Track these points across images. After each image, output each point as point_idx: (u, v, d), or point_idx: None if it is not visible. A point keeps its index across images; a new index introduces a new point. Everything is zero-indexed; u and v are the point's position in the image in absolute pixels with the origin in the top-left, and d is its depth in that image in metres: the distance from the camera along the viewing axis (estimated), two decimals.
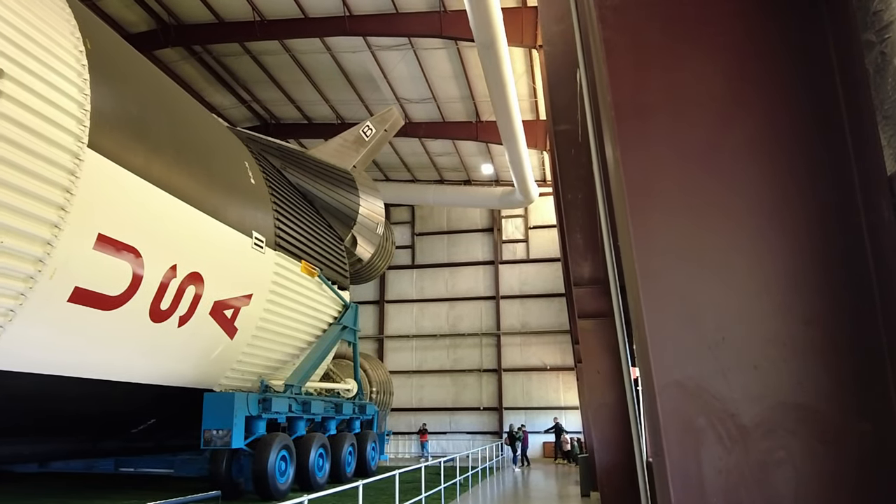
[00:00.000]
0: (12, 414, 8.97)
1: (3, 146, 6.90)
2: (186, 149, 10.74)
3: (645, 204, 1.92)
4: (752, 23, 2.04)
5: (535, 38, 18.70)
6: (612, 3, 2.04)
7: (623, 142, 1.94)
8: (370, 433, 18.07)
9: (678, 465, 1.86)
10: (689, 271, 1.92)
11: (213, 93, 24.59)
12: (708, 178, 1.98)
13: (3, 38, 7.07)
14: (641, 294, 1.88)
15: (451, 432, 32.53)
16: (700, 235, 1.95)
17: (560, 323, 31.99)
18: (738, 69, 2.02)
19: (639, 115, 1.96)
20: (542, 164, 31.30)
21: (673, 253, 1.92)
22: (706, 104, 2.01)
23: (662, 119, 1.97)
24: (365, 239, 18.64)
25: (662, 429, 1.86)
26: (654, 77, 1.99)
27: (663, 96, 1.99)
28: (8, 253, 7.17)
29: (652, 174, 1.94)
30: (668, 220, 1.92)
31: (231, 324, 12.04)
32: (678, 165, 1.96)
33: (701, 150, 1.98)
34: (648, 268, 1.90)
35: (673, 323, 1.89)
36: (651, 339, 1.87)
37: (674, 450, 1.87)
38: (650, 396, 1.90)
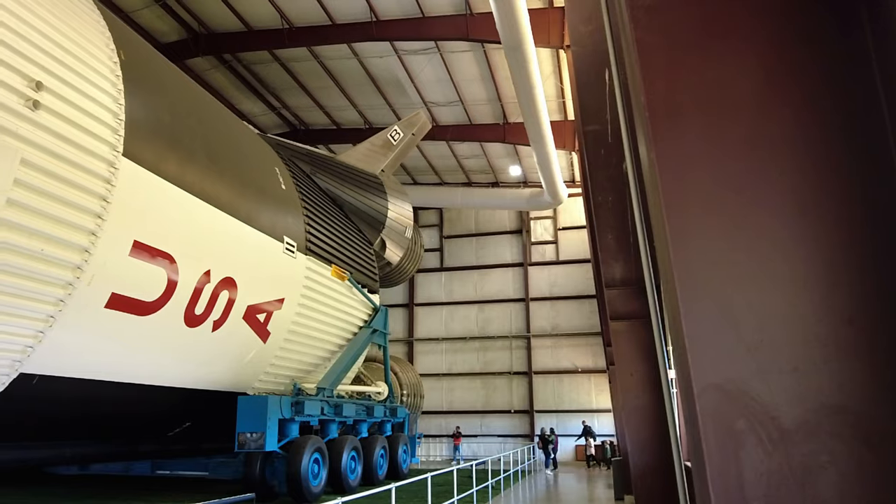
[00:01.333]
0: (54, 417, 9.19)
1: (42, 156, 7.08)
2: (218, 156, 10.91)
3: (681, 204, 1.90)
4: (788, 18, 2.00)
5: (563, 38, 18.61)
6: (645, 3, 2.02)
7: (657, 142, 1.92)
8: (401, 436, 18.12)
9: (718, 469, 1.83)
10: (726, 272, 1.89)
11: (243, 100, 24.94)
12: (745, 177, 1.95)
13: (42, 51, 7.26)
14: (679, 295, 1.85)
15: (482, 435, 32.46)
16: (738, 235, 1.92)
17: (591, 325, 31.72)
18: (774, 65, 1.99)
19: (673, 114, 1.94)
20: (571, 164, 31.11)
21: (710, 253, 1.89)
22: (742, 102, 1.98)
23: (697, 118, 1.95)
24: (394, 242, 18.72)
25: (702, 432, 1.83)
26: (687, 76, 1.96)
27: (697, 95, 1.96)
28: (48, 260, 7.36)
29: (687, 174, 1.92)
30: (705, 219, 1.89)
31: (264, 328, 12.19)
32: (714, 164, 1.93)
33: (737, 148, 1.94)
34: (686, 268, 1.87)
35: (711, 324, 1.86)
36: (689, 341, 1.85)
37: (714, 453, 1.84)
38: (689, 399, 1.87)
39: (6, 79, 6.71)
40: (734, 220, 1.93)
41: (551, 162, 22.91)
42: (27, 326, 7.46)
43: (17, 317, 7.28)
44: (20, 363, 7.61)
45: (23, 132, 6.84)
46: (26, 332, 7.48)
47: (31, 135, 6.94)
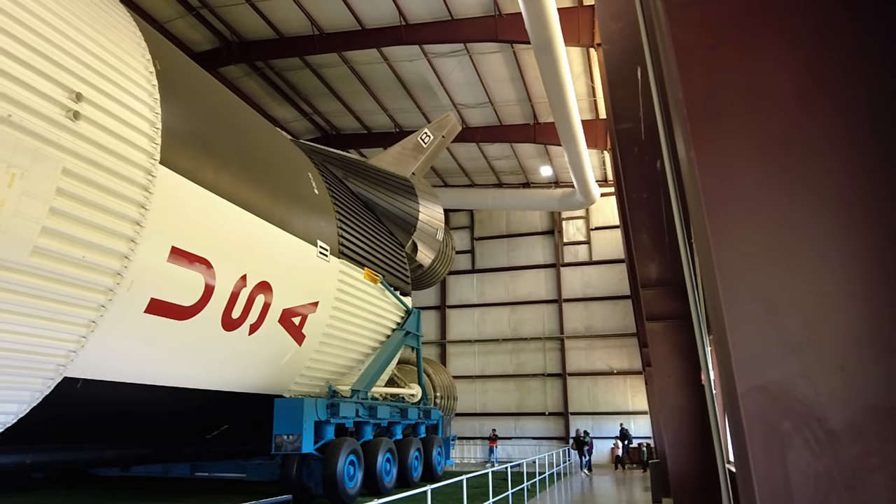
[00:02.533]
0: (96, 420, 9.41)
1: (82, 166, 7.26)
2: (253, 162, 11.07)
3: (721, 203, 1.86)
4: (829, 13, 1.95)
5: (593, 36, 18.45)
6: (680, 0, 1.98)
7: (696, 140, 1.88)
8: (436, 438, 18.13)
9: (764, 472, 1.79)
10: (770, 271, 1.84)
11: (275, 106, 25.27)
12: (787, 175, 1.90)
13: (81, 63, 7.45)
14: (721, 295, 1.82)
15: (517, 437, 32.31)
16: (780, 234, 1.87)
17: (626, 326, 31.36)
18: (814, 62, 1.94)
19: (711, 112, 1.90)
20: (603, 163, 30.83)
21: (753, 252, 1.85)
22: (781, 99, 1.93)
23: (737, 116, 1.91)
24: (425, 245, 18.76)
25: (746, 434, 1.79)
26: (725, 73, 1.92)
27: (736, 92, 1.92)
28: (89, 267, 7.54)
29: (727, 172, 1.88)
30: (747, 218, 1.85)
31: (299, 331, 12.31)
32: (755, 163, 1.88)
33: (778, 146, 1.90)
34: (728, 268, 1.83)
35: (754, 324, 1.82)
36: (732, 342, 1.81)
37: (759, 455, 1.79)
38: (732, 400, 1.83)
39: (48, 91, 6.90)
40: (777, 219, 1.88)
41: (583, 161, 22.73)
42: (70, 332, 7.65)
43: (61, 322, 7.47)
44: (64, 367, 7.81)
45: (64, 142, 7.02)
46: (70, 337, 7.67)
47: (72, 145, 7.12)
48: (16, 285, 6.80)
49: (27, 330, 7.12)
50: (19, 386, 7.46)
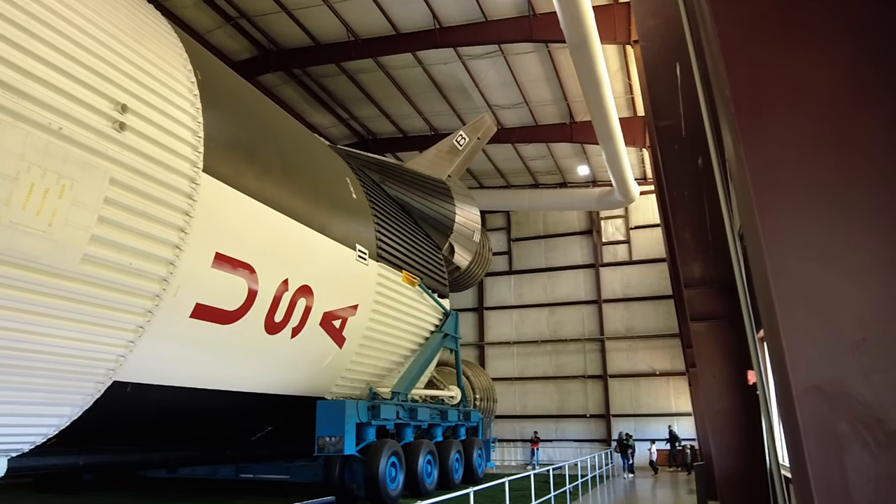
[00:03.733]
0: (143, 423, 9.64)
1: (128, 175, 7.46)
2: (292, 168, 11.24)
3: (772, 202, 1.81)
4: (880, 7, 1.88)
5: (629, 33, 18.24)
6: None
7: (745, 138, 1.83)
8: (476, 440, 18.10)
9: (821, 474, 1.74)
10: (823, 269, 1.79)
11: (313, 113, 25.60)
12: (840, 173, 1.84)
13: (126, 75, 7.66)
14: (774, 295, 1.77)
15: (557, 440, 32.05)
16: (833, 232, 1.82)
17: (668, 326, 30.84)
18: (864, 57, 1.87)
19: (760, 110, 1.85)
20: (642, 161, 30.42)
21: (805, 251, 1.79)
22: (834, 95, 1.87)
23: (786, 113, 1.85)
24: (462, 247, 18.76)
25: (802, 436, 1.74)
26: (773, 70, 1.87)
27: (785, 89, 1.86)
28: (136, 274, 7.73)
29: (778, 171, 1.82)
30: (798, 217, 1.79)
31: (340, 333, 12.44)
32: (806, 161, 1.83)
33: (831, 143, 1.84)
34: (780, 267, 1.78)
35: (808, 324, 1.77)
36: (786, 342, 1.76)
37: (815, 458, 1.74)
38: (787, 402, 1.78)
39: (95, 104, 7.11)
40: (830, 217, 1.83)
41: (621, 159, 22.46)
42: (119, 337, 7.86)
43: (111, 328, 7.68)
44: (114, 371, 8.02)
45: (111, 153, 7.22)
46: (119, 342, 7.88)
47: (119, 155, 7.32)
48: (68, 292, 7.02)
49: (79, 335, 7.34)
50: (72, 390, 7.69)
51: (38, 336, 6.95)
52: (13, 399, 7.17)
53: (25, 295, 6.65)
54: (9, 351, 6.75)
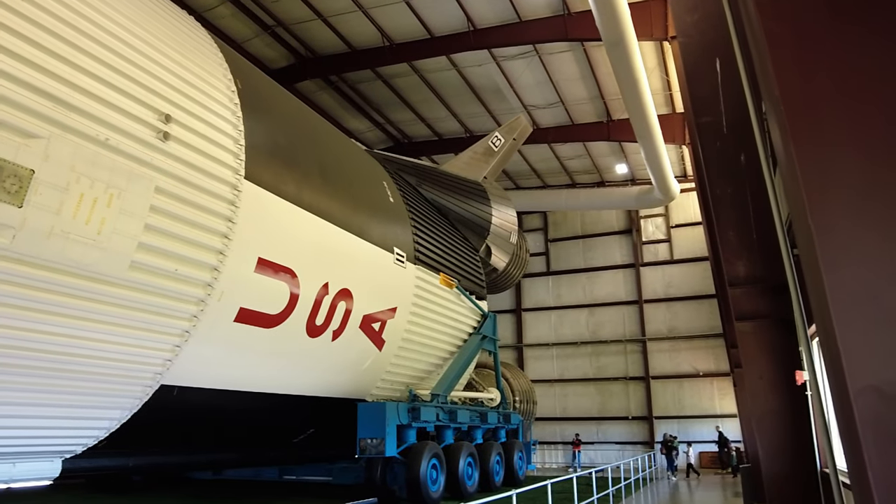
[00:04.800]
0: (190, 426, 9.85)
1: (173, 183, 7.64)
2: (331, 174, 11.37)
3: (825, 201, 1.75)
4: None
5: (666, 29, 17.98)
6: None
7: (796, 138, 1.78)
8: (516, 442, 18.02)
9: (882, 477, 1.68)
10: (879, 267, 1.73)
11: (349, 118, 25.85)
12: (894, 170, 1.77)
13: (169, 86, 7.85)
14: (828, 294, 1.71)
15: (599, 442, 31.68)
16: (889, 231, 1.75)
17: (712, 326, 30.24)
18: None
19: (810, 107, 1.80)
20: (682, 158, 29.92)
21: (860, 249, 1.74)
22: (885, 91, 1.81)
23: (838, 109, 1.79)
24: (499, 248, 18.72)
25: (861, 437, 1.68)
26: (823, 66, 1.81)
27: (836, 85, 1.80)
28: (182, 279, 7.92)
29: (831, 170, 1.77)
30: (853, 217, 1.74)
31: (379, 336, 12.53)
32: (860, 157, 1.77)
33: (884, 141, 1.78)
34: (834, 267, 1.73)
35: (865, 324, 1.71)
36: (842, 342, 1.70)
37: (875, 459, 1.68)
38: (843, 403, 1.73)
39: (140, 114, 7.31)
40: (885, 217, 1.76)
41: (661, 157, 22.13)
42: (166, 341, 8.05)
43: (158, 333, 7.88)
44: (161, 375, 8.21)
45: (156, 162, 7.41)
46: (166, 346, 8.07)
47: (163, 164, 7.50)
48: (116, 298, 7.22)
49: (127, 340, 7.54)
50: (121, 394, 7.90)
51: (89, 342, 7.16)
52: (66, 402, 7.40)
53: (76, 302, 6.86)
54: (61, 356, 6.97)
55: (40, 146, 6.25)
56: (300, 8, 19.28)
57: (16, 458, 7.46)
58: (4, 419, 6.92)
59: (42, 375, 6.92)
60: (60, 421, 7.51)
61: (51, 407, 7.26)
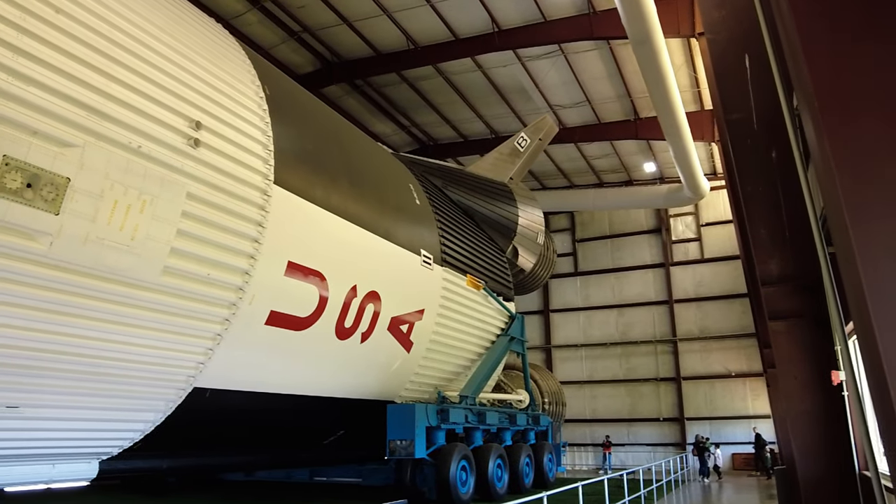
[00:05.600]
0: (222, 428, 9.98)
1: (204, 189, 7.76)
2: (358, 177, 11.45)
3: (861, 196, 1.71)
4: None
5: (693, 26, 17.78)
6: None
7: (831, 135, 1.74)
8: (546, 444, 17.92)
9: None
10: None
11: (375, 122, 26.00)
12: None
13: (199, 93, 7.98)
14: (866, 291, 1.68)
15: (630, 444, 31.37)
16: None
17: (743, 326, 29.78)
18: None
19: (846, 104, 1.76)
20: (711, 156, 29.52)
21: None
22: None
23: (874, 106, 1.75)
24: (526, 249, 18.65)
25: None
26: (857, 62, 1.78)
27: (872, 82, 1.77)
28: (214, 283, 8.03)
29: (867, 168, 1.73)
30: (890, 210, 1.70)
31: (407, 338, 12.57)
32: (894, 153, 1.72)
33: None
34: (872, 262, 1.69)
35: None
36: (882, 340, 1.66)
37: None
38: (884, 403, 1.69)
39: (171, 122, 7.44)
40: None
41: (690, 155, 21.88)
42: (199, 345, 8.17)
43: (191, 336, 8.00)
44: (194, 378, 8.34)
45: (187, 168, 7.53)
46: (198, 349, 8.19)
47: (194, 170, 7.62)
48: (150, 303, 7.35)
49: (161, 344, 7.67)
50: (155, 396, 8.04)
51: (125, 345, 7.30)
52: (103, 405, 7.55)
53: (112, 306, 7.00)
54: (97, 360, 7.11)
55: (75, 155, 6.40)
56: (326, 13, 19.46)
57: (55, 459, 7.64)
58: (44, 421, 7.09)
59: (79, 379, 7.07)
60: (97, 423, 7.67)
61: (88, 409, 7.42)
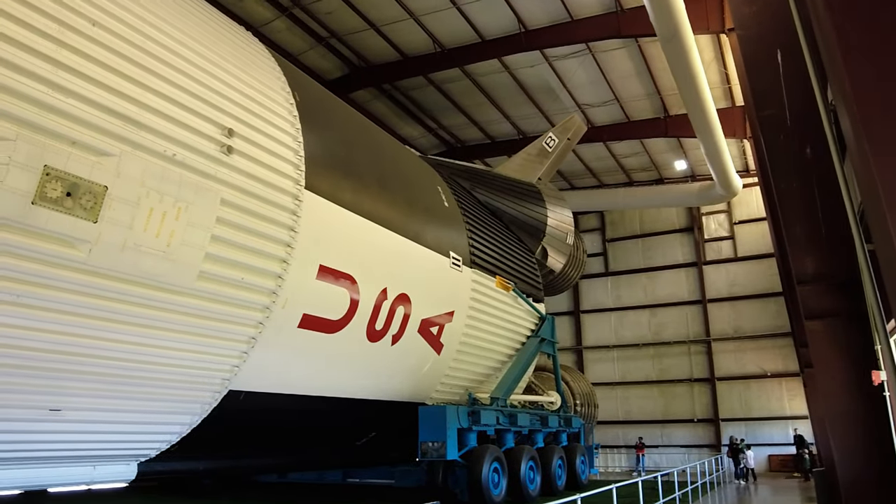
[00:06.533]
0: (255, 430, 10.12)
1: (237, 195, 7.89)
2: (387, 181, 11.54)
3: None
4: None
5: (723, 22, 17.55)
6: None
7: (869, 133, 1.72)
8: (578, 446, 17.80)
9: None
10: None
11: (402, 125, 26.12)
12: None
13: (231, 101, 8.12)
14: None
15: (663, 446, 30.97)
16: None
17: (779, 325, 29.21)
18: None
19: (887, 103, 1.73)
20: (743, 152, 29.03)
21: None
22: None
23: None
24: (555, 250, 18.56)
25: None
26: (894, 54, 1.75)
27: None
28: (248, 288, 8.16)
29: None
30: None
31: (437, 340, 12.61)
32: None
33: None
34: None
35: None
36: None
37: None
38: None
39: (204, 130, 7.58)
40: None
41: (721, 152, 21.55)
42: (234, 348, 8.30)
43: (226, 340, 8.14)
44: (229, 381, 8.48)
45: (221, 175, 7.67)
46: (233, 353, 8.33)
47: (228, 177, 7.76)
48: (186, 308, 7.50)
49: (197, 348, 7.82)
50: (192, 399, 8.19)
51: (162, 350, 7.46)
52: (141, 409, 7.72)
53: (149, 311, 7.16)
54: (135, 364, 7.28)
55: (112, 164, 6.56)
56: (353, 18, 19.62)
57: (96, 461, 7.83)
58: (85, 424, 7.27)
59: (119, 383, 7.24)
60: (136, 426, 7.84)
61: (127, 412, 7.59)
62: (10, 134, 5.78)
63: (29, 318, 6.19)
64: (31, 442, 6.94)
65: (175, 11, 7.87)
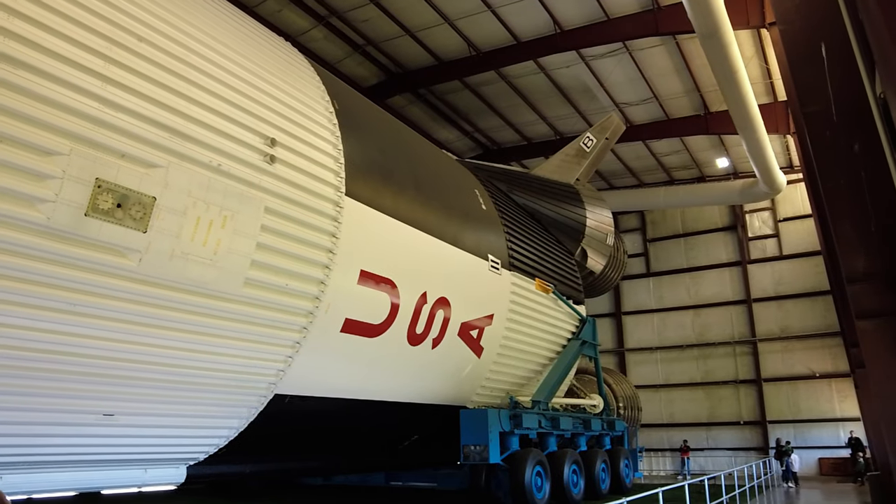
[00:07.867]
0: (300, 433, 10.28)
1: (280, 203, 8.05)
2: (425, 185, 11.62)
3: None
4: None
5: (763, 16, 17.21)
6: None
7: None
8: (622, 449, 17.61)
9: None
10: None
11: (438, 129, 26.24)
12: None
13: (273, 111, 8.29)
14: None
15: (709, 448, 30.39)
16: None
17: (828, 325, 28.41)
18: None
19: None
20: (787, 149, 28.37)
21: None
22: None
23: None
24: (595, 251, 18.40)
25: None
26: None
27: None
28: (292, 293, 8.32)
29: None
30: None
31: (477, 343, 12.63)
32: None
33: None
34: None
35: None
36: None
37: None
38: None
39: (248, 140, 7.76)
40: None
41: (764, 148, 21.10)
42: (279, 353, 8.47)
43: (271, 345, 8.31)
44: (275, 385, 8.65)
45: (264, 184, 7.84)
46: (278, 357, 8.50)
47: (271, 185, 7.93)
48: (233, 314, 7.68)
49: (244, 353, 8.00)
50: (239, 403, 8.39)
51: (210, 355, 7.65)
52: (191, 413, 7.94)
53: (197, 318, 7.36)
54: (185, 370, 7.49)
55: (160, 175, 6.77)
56: (389, 25, 19.81)
57: (147, 464, 8.07)
58: (137, 429, 7.50)
59: (169, 388, 7.46)
60: (186, 430, 8.06)
61: (177, 417, 7.81)
62: (63, 149, 6.01)
63: (84, 325, 6.43)
64: (86, 446, 7.19)
65: (217, 24, 8.08)
